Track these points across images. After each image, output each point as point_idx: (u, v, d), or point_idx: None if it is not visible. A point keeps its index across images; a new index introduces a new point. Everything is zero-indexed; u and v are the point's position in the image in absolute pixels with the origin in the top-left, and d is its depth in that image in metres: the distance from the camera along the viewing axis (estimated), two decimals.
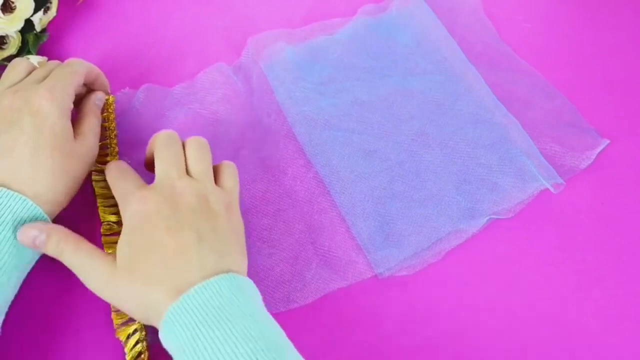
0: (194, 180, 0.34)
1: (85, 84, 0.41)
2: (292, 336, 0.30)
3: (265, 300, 0.34)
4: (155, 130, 0.41)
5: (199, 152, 0.36)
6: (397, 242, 0.39)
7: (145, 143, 0.39)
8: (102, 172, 0.40)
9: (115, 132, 0.43)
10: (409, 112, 0.45)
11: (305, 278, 0.39)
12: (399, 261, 0.39)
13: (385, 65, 0.48)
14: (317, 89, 0.46)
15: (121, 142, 0.44)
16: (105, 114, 0.44)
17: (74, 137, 0.37)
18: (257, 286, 0.33)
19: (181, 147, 0.36)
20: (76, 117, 0.39)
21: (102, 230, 0.39)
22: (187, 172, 0.35)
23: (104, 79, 0.43)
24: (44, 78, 0.38)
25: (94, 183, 0.41)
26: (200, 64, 0.50)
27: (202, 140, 0.37)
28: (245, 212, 0.41)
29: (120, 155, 0.43)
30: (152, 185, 0.34)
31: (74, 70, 0.39)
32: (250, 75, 0.48)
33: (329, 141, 0.43)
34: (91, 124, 0.39)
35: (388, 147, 0.43)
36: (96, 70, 0.42)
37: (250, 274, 0.37)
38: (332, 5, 0.54)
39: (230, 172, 0.36)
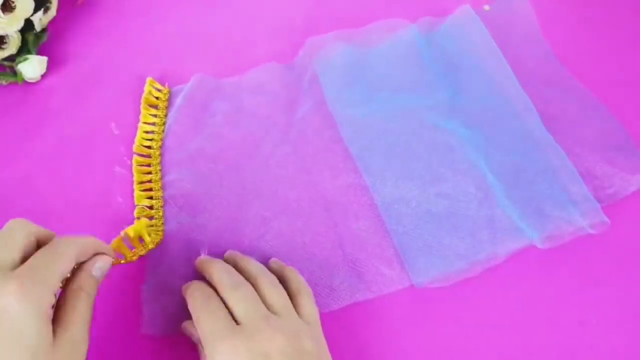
0: (280, 319, 0.31)
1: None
2: None
3: None
4: (200, 120, 0.45)
5: (276, 287, 0.33)
6: (439, 252, 0.38)
7: (191, 133, 0.43)
8: (141, 155, 0.44)
9: (163, 127, 0.46)
10: (454, 129, 0.44)
11: (333, 284, 0.38)
12: (439, 272, 0.38)
13: (434, 79, 0.47)
14: (367, 94, 0.46)
15: (166, 130, 0.46)
16: (158, 107, 0.46)
17: (53, 329, 0.27)
18: None
19: (250, 285, 0.33)
20: (61, 295, 0.30)
21: (135, 213, 0.41)
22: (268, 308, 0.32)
23: (105, 253, 0.33)
24: (23, 257, 0.28)
25: (134, 167, 0.43)
26: (201, 63, 0.50)
27: (273, 277, 0.34)
28: (278, 211, 0.41)
29: (164, 145, 0.45)
30: (239, 327, 0.30)
31: (61, 252, 0.29)
32: (303, 75, 0.48)
33: (373, 146, 0.43)
34: (80, 308, 0.29)
35: (432, 158, 0.42)
36: (92, 243, 0.32)
37: None
38: (332, 5, 0.54)
39: (308, 301, 0.34)
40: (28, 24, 0.48)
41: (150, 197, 0.42)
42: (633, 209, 0.40)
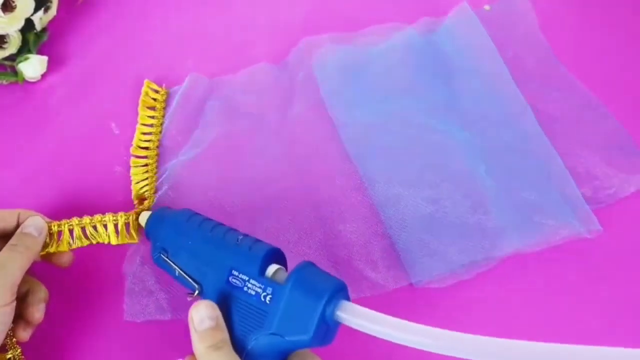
0: None
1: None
2: None
3: None
4: (194, 119, 0.45)
5: None
6: (432, 255, 0.38)
7: (186, 133, 0.44)
8: (139, 156, 0.44)
9: (161, 127, 0.46)
10: (451, 131, 0.44)
11: None
12: (434, 274, 0.37)
13: (431, 81, 0.46)
14: (365, 96, 0.46)
15: (164, 130, 0.46)
16: (155, 109, 0.47)
17: None
18: None
19: None
20: None
21: (137, 207, 0.41)
22: None
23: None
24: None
25: (131, 169, 0.43)
26: (201, 63, 0.50)
27: None
28: (266, 209, 0.41)
29: (161, 145, 0.45)
30: None
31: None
32: (296, 75, 0.48)
33: (371, 148, 0.43)
34: (4, 255, 0.34)
35: (428, 162, 0.42)
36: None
37: None
38: (332, 5, 0.54)
39: None
40: (28, 23, 0.48)
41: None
42: (633, 209, 0.40)
